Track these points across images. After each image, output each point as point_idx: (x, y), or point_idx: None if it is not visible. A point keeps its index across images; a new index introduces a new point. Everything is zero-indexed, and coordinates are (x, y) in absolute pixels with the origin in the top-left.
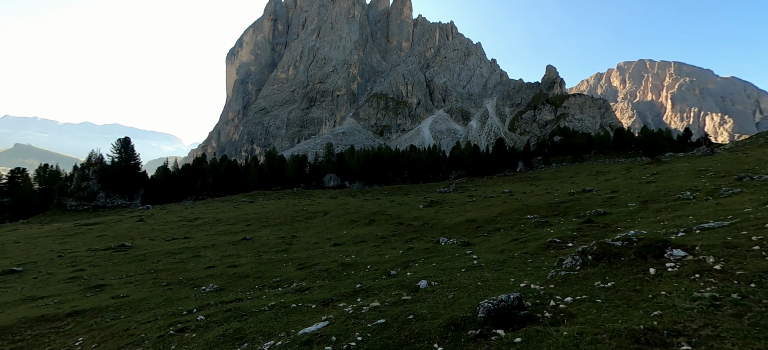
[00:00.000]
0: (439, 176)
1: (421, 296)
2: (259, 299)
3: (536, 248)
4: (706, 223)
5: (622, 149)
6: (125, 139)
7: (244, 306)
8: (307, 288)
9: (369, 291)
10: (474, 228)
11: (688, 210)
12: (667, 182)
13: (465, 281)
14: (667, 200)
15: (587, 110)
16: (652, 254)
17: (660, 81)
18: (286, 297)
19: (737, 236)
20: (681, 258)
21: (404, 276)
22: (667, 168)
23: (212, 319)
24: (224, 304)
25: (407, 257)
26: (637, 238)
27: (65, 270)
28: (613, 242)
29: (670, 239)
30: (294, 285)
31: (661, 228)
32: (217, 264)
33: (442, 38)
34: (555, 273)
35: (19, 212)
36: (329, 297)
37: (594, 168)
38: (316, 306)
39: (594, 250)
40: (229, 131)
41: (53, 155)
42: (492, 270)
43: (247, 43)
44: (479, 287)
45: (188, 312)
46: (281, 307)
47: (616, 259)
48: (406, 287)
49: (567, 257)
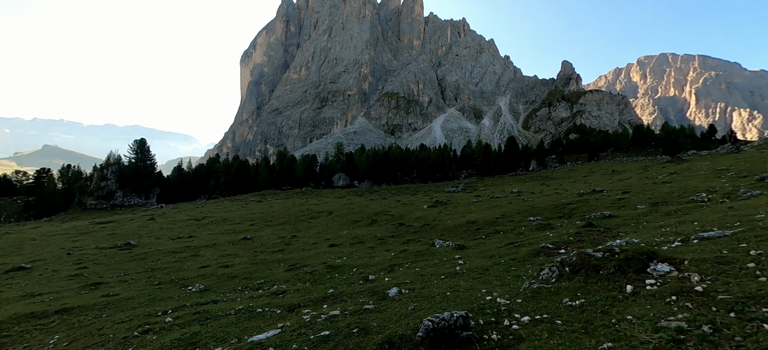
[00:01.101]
0: (449, 175)
1: (384, 305)
2: (233, 301)
3: (526, 254)
4: (708, 232)
5: (641, 146)
6: (141, 140)
7: (214, 309)
8: (283, 292)
9: (339, 297)
10: (474, 230)
11: (697, 215)
12: (683, 183)
13: (437, 290)
14: (680, 202)
15: (605, 107)
16: (634, 268)
17: (683, 75)
18: (259, 301)
19: (735, 249)
20: (664, 274)
21: (381, 282)
22: (686, 167)
23: (179, 321)
24: (199, 306)
25: (396, 260)
26: (620, 249)
27: (70, 268)
28: (594, 254)
29: (659, 250)
30: (275, 287)
31: (660, 236)
32: (212, 263)
33: (454, 36)
34: (528, 285)
35: (44, 211)
36: (298, 302)
37: (610, 167)
38: (281, 312)
39: (573, 261)
40: (244, 132)
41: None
42: (470, 279)
43: (260, 44)
44: (447, 298)
45: (163, 312)
46: (248, 311)
47: (595, 272)
48: (376, 294)
49: (545, 267)
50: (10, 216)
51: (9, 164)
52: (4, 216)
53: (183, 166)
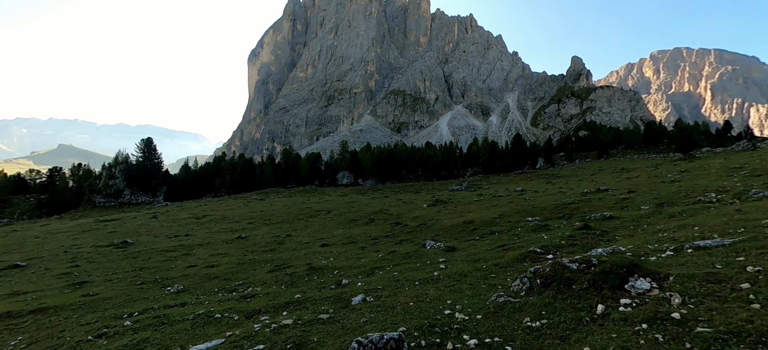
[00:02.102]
0: (454, 173)
1: (341, 316)
2: (200, 305)
3: (512, 259)
4: (706, 239)
5: (653, 144)
6: (148, 139)
7: (176, 313)
8: (253, 295)
9: (303, 303)
10: (469, 231)
11: (700, 218)
12: (693, 182)
13: (403, 298)
14: (686, 202)
15: (616, 103)
16: (610, 284)
17: (698, 70)
18: (225, 304)
19: (731, 263)
20: (643, 293)
21: (352, 288)
22: (698, 165)
23: (136, 326)
24: (165, 309)
25: (382, 262)
26: (598, 261)
27: (62, 266)
28: (569, 265)
29: (645, 262)
30: (249, 289)
31: (655, 242)
32: (200, 263)
33: (461, 32)
34: (495, 298)
35: (55, 208)
36: (260, 307)
37: (619, 165)
38: (239, 318)
39: (546, 272)
40: (252, 130)
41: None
42: (444, 286)
43: (267, 44)
44: (407, 309)
45: (129, 315)
46: (206, 316)
47: (567, 287)
48: (341, 301)
49: (518, 278)
50: (23, 214)
51: (26, 163)
52: (18, 213)
53: (190, 164)
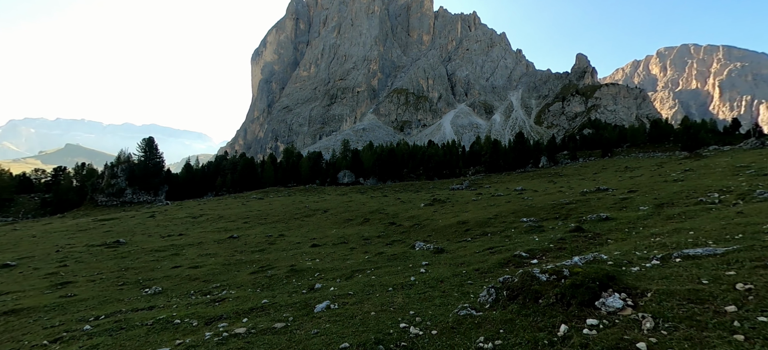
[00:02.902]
0: (456, 172)
1: (296, 325)
2: (167, 308)
3: (495, 264)
4: (699, 247)
5: (659, 142)
6: (149, 139)
7: (139, 317)
8: (224, 299)
9: (266, 309)
10: (462, 231)
11: (698, 221)
12: (696, 181)
13: (370, 306)
14: (687, 204)
15: (621, 101)
16: (580, 299)
17: (706, 67)
18: (192, 308)
19: (719, 278)
20: (614, 312)
21: (323, 293)
22: (704, 164)
23: (95, 330)
24: (132, 312)
25: (365, 265)
26: (570, 272)
27: (51, 266)
28: (539, 276)
29: (624, 273)
30: (224, 292)
31: (644, 248)
32: (185, 264)
33: (465, 30)
34: (458, 311)
35: (59, 207)
36: (223, 313)
37: (623, 164)
38: (198, 324)
39: (514, 283)
40: (255, 129)
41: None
42: (416, 293)
43: (270, 43)
44: (366, 319)
45: (95, 318)
46: (166, 322)
47: (534, 301)
48: (305, 308)
49: (485, 288)
50: (28, 212)
51: (34, 162)
52: (22, 212)
53: (191, 163)
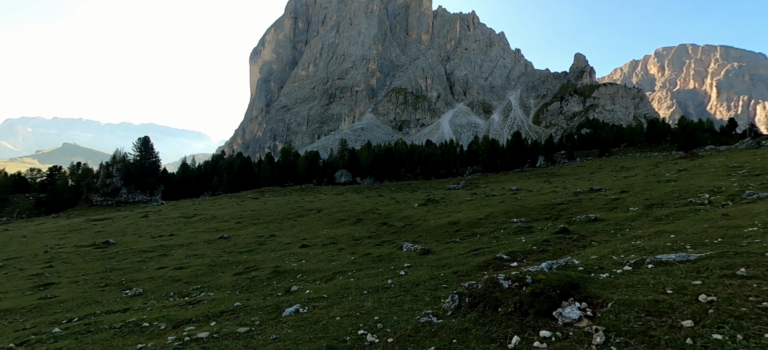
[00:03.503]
0: (453, 171)
1: (261, 329)
2: (142, 310)
3: (474, 267)
4: (673, 253)
5: (656, 141)
6: (145, 138)
7: (110, 319)
8: (199, 301)
9: (236, 312)
10: (452, 232)
11: (682, 223)
12: (688, 182)
13: (337, 311)
14: (677, 204)
15: (619, 100)
16: (538, 308)
17: (704, 67)
18: (166, 311)
19: (684, 288)
20: (569, 323)
21: (298, 296)
22: (698, 164)
23: (63, 333)
24: (106, 314)
25: (349, 266)
26: (533, 279)
27: (37, 267)
28: (501, 282)
29: (591, 280)
30: (202, 294)
31: (622, 252)
32: (171, 265)
33: (463, 29)
34: (419, 318)
35: (54, 207)
36: (194, 316)
37: (620, 163)
38: (166, 327)
39: (478, 290)
40: (254, 129)
41: (96, 153)
42: (389, 297)
43: (269, 42)
44: (330, 325)
45: (68, 320)
46: (134, 325)
47: (493, 309)
48: (277, 311)
49: (450, 295)
50: (22, 212)
51: (31, 162)
52: (17, 212)
53: (189, 163)
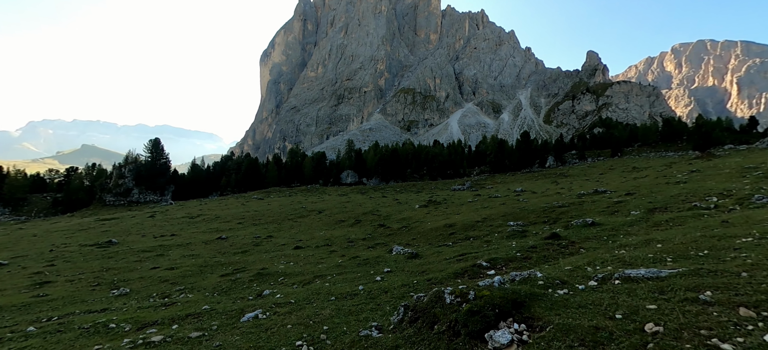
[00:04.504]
0: (460, 172)
1: (213, 335)
2: (118, 311)
3: (450, 274)
4: (643, 268)
5: (672, 141)
6: (155, 140)
7: (83, 319)
8: (174, 303)
9: (200, 316)
10: (447, 235)
11: (677, 231)
12: (699, 184)
13: (295, 318)
14: (680, 208)
15: (634, 99)
16: (471, 329)
17: (723, 64)
18: (140, 312)
19: (634, 313)
20: (498, 349)
21: (268, 300)
22: (712, 165)
23: (35, 332)
24: (86, 313)
25: (333, 270)
26: (476, 295)
27: (39, 265)
28: (445, 297)
29: (543, 297)
30: (182, 295)
31: (601, 262)
32: (164, 265)
33: (472, 28)
34: (360, 331)
35: (69, 206)
36: (161, 318)
37: (631, 164)
38: (130, 329)
39: (421, 304)
40: (264, 130)
41: (113, 154)
42: (351, 305)
43: (278, 44)
44: (280, 334)
45: (48, 319)
46: (103, 326)
47: (429, 327)
48: (237, 316)
49: (396, 309)
50: (40, 211)
51: (52, 163)
52: (35, 211)
53: (198, 164)
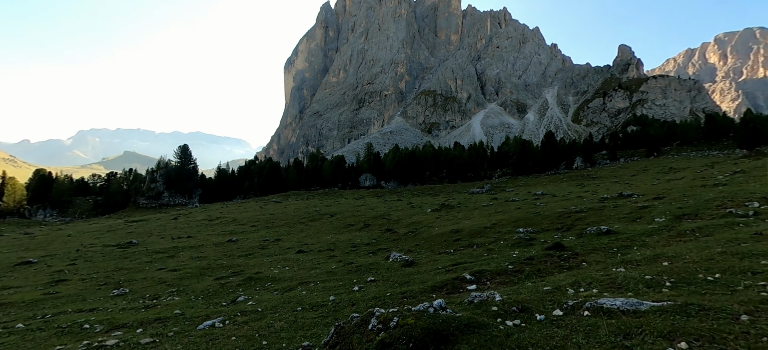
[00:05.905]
0: (481, 174)
1: (165, 341)
2: (103, 312)
3: (428, 288)
4: (622, 299)
5: (716, 138)
6: (184, 146)
7: (65, 318)
8: (155, 305)
9: (168, 320)
10: (451, 241)
11: (703, 242)
12: (740, 186)
13: (245, 330)
14: (712, 216)
15: (672, 94)
16: None
17: None
18: (119, 313)
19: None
20: None
21: (239, 307)
22: (761, 164)
23: (23, 329)
24: (75, 312)
25: (322, 276)
26: (397, 323)
27: (62, 264)
28: (371, 321)
29: (482, 328)
30: (168, 298)
31: (589, 283)
32: (170, 266)
33: (494, 27)
34: None
35: (107, 208)
36: (132, 321)
37: (668, 164)
38: (100, 330)
39: (348, 327)
40: (288, 135)
41: (151, 160)
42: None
43: (301, 51)
44: (220, 346)
45: (42, 316)
46: (78, 326)
47: None
48: (193, 325)
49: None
50: (83, 213)
51: (98, 168)
52: (78, 213)
53: (224, 168)
